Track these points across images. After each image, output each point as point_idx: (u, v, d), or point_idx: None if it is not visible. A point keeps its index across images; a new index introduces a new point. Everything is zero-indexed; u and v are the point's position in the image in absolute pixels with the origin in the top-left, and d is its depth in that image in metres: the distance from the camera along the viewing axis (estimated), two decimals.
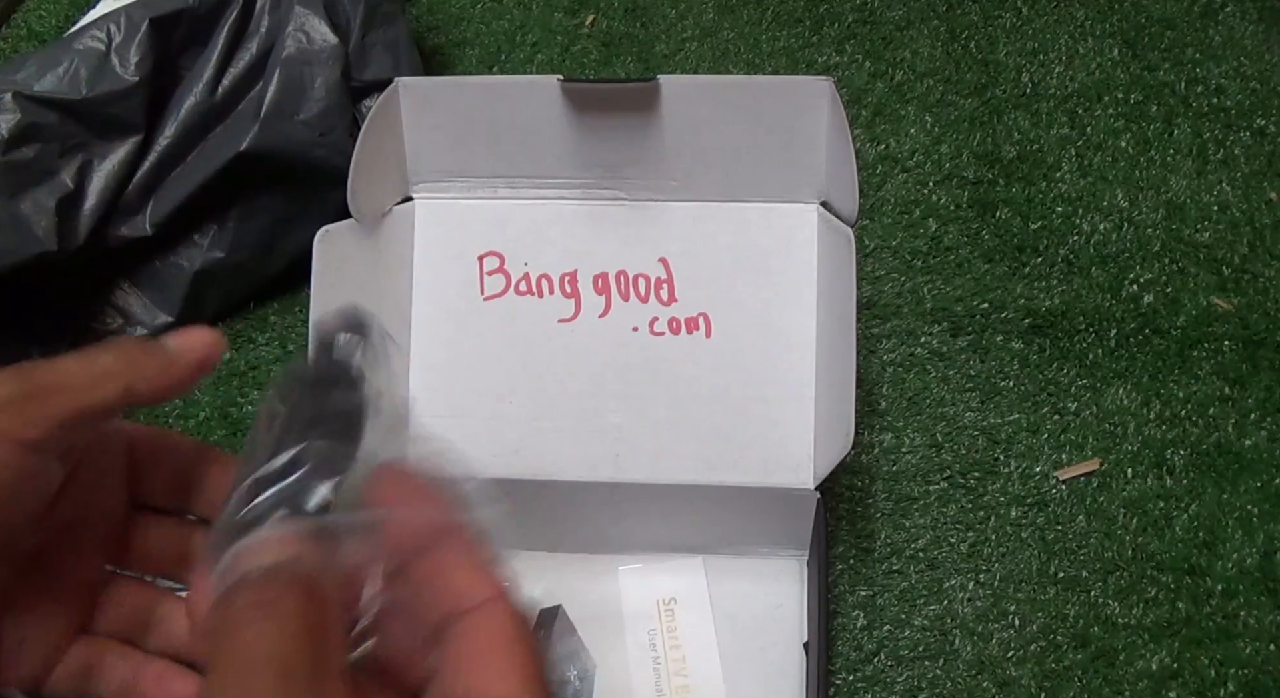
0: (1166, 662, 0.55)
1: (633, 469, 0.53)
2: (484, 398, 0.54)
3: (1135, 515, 0.59)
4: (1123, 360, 0.64)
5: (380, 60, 0.67)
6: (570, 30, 0.78)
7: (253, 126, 0.63)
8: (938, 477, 0.61)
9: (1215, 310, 0.65)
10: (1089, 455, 0.61)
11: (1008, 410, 0.63)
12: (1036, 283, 0.67)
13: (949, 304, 0.66)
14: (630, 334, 0.54)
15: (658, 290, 0.54)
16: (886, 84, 0.74)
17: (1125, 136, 0.72)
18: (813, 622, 0.53)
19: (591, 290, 0.55)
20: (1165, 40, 0.75)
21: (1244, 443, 0.61)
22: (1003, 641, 0.56)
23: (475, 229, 0.55)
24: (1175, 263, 0.67)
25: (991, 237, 0.68)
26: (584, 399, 0.54)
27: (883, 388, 0.64)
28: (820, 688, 0.51)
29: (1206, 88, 0.73)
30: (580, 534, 0.57)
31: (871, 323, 0.66)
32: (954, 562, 0.59)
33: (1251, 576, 0.57)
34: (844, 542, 0.60)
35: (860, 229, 0.68)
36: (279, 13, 0.64)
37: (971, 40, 0.76)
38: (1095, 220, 0.69)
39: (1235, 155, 0.71)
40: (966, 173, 0.71)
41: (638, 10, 0.78)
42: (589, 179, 0.54)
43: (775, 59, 0.76)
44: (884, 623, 0.57)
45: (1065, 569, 0.58)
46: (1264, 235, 0.68)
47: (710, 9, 0.78)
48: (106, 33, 0.62)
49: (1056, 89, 0.74)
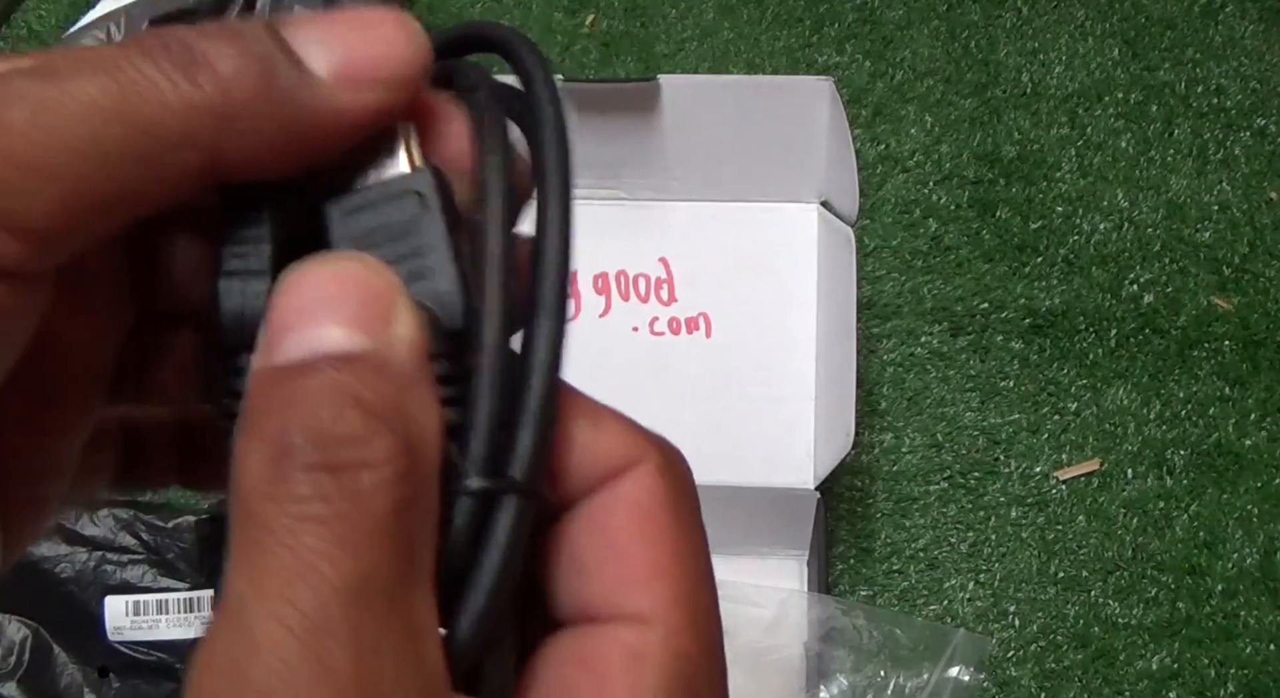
0: (1166, 662, 0.55)
1: None
2: None
3: (1135, 515, 0.59)
4: (1123, 360, 0.64)
5: None
6: (570, 30, 0.78)
7: None
8: (938, 477, 0.61)
9: (1215, 310, 0.65)
10: (1089, 455, 0.61)
11: (1008, 410, 0.63)
12: (1036, 283, 0.67)
13: (949, 304, 0.66)
14: (630, 334, 0.54)
15: (658, 290, 0.54)
16: (886, 84, 0.74)
17: (1125, 136, 0.72)
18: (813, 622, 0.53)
19: (591, 290, 0.55)
20: (1165, 40, 0.75)
21: (1244, 443, 0.61)
22: (1003, 641, 0.56)
23: None
24: (1175, 263, 0.67)
25: (991, 237, 0.68)
26: None
27: (883, 388, 0.64)
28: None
29: (1207, 88, 0.73)
30: None
31: (871, 323, 0.66)
32: (954, 562, 0.59)
33: (1252, 576, 0.57)
34: (844, 542, 0.60)
35: (860, 229, 0.68)
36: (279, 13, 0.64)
37: (972, 40, 0.76)
38: (1095, 220, 0.69)
39: (1235, 155, 0.71)
40: (967, 173, 0.71)
41: (638, 10, 0.78)
42: (589, 179, 0.54)
43: (775, 59, 0.76)
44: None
45: (1065, 569, 0.58)
46: (1264, 235, 0.68)
47: (710, 9, 0.78)
48: (106, 33, 0.62)
49: (1057, 89, 0.74)
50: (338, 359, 0.14)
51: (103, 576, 0.56)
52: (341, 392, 0.14)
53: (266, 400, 0.14)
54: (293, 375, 0.14)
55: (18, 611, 0.55)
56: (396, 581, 0.14)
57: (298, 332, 0.14)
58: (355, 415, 0.14)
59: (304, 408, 0.14)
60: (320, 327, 0.14)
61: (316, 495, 0.13)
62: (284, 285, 0.15)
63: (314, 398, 0.14)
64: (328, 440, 0.14)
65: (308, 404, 0.14)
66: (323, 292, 0.15)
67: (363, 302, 0.15)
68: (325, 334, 0.14)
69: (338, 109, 0.15)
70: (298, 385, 0.14)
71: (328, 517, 0.13)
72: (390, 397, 0.14)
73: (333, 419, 0.14)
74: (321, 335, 0.14)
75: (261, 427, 0.14)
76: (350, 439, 0.14)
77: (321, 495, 0.13)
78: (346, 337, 0.14)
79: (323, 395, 0.14)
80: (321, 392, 0.14)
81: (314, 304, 0.15)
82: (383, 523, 0.14)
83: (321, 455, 0.14)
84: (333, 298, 0.15)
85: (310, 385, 0.14)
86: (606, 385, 0.61)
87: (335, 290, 0.15)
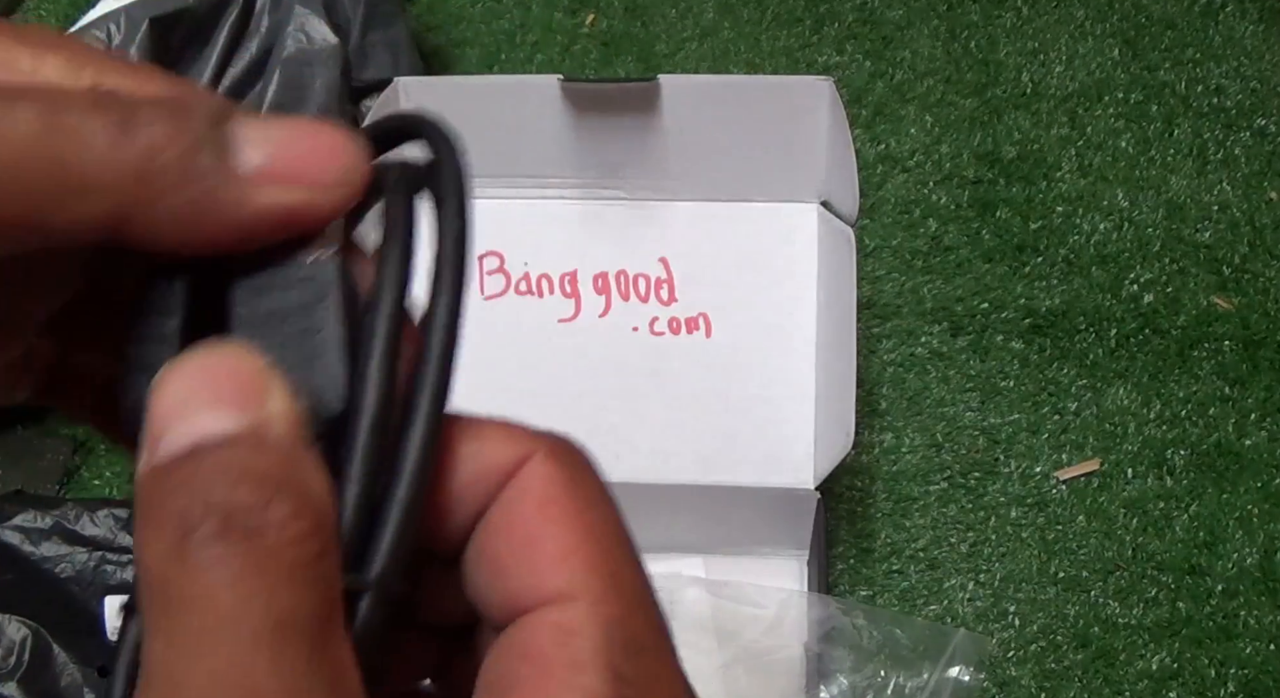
0: (1166, 662, 0.55)
1: (633, 469, 0.53)
2: (484, 398, 0.54)
3: (1135, 515, 0.59)
4: (1123, 360, 0.64)
5: (380, 60, 0.67)
6: (570, 30, 0.78)
7: None
8: (938, 477, 0.61)
9: (1215, 310, 0.65)
10: (1089, 455, 0.61)
11: (1008, 410, 0.63)
12: (1036, 283, 0.67)
13: (949, 304, 0.66)
14: (630, 334, 0.54)
15: (658, 290, 0.54)
16: (886, 84, 0.74)
17: (1125, 136, 0.72)
18: (813, 622, 0.53)
19: (591, 290, 0.55)
20: (1165, 40, 0.75)
21: (1244, 443, 0.61)
22: (1003, 641, 0.56)
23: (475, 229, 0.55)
24: (1175, 263, 0.67)
25: (991, 236, 0.68)
26: (584, 399, 0.54)
27: (883, 388, 0.64)
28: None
29: (1206, 88, 0.73)
30: None
31: (871, 323, 0.66)
32: (954, 562, 0.59)
33: (1251, 575, 0.57)
34: (844, 542, 0.60)
35: (860, 229, 0.68)
36: (279, 12, 0.64)
37: (972, 40, 0.76)
38: (1095, 220, 0.69)
39: (1235, 155, 0.71)
40: (967, 173, 0.71)
41: (638, 10, 0.78)
42: (589, 179, 0.54)
43: (775, 59, 0.76)
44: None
45: (1065, 569, 0.58)
46: (1264, 235, 0.68)
47: (710, 9, 0.78)
48: (106, 33, 0.62)
49: (1057, 89, 0.74)
50: (219, 441, 0.14)
51: (103, 576, 0.55)
52: (230, 468, 0.14)
53: (158, 495, 0.14)
54: (179, 465, 0.14)
55: (18, 611, 0.55)
56: (315, 625, 0.14)
57: (175, 427, 0.15)
58: (248, 487, 0.14)
59: (197, 490, 0.14)
60: (196, 417, 0.15)
61: (225, 557, 0.14)
62: (156, 385, 0.15)
63: (205, 479, 0.14)
64: (227, 512, 0.14)
65: (200, 486, 0.14)
66: (193, 384, 0.15)
67: (235, 386, 0.15)
68: (202, 422, 0.14)
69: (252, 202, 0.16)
70: (186, 473, 0.14)
71: (239, 573, 0.14)
72: (278, 465, 0.14)
73: (227, 494, 0.14)
74: (199, 424, 0.14)
75: (157, 517, 0.14)
76: (249, 508, 0.14)
77: (230, 556, 0.14)
78: (223, 420, 0.14)
79: (213, 475, 0.14)
80: (211, 472, 0.14)
81: (187, 398, 0.15)
82: (295, 572, 0.14)
83: (224, 525, 0.14)
84: (204, 388, 0.15)
85: (198, 469, 0.14)
86: (607, 385, 0.62)
87: (205, 380, 0.15)
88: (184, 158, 0.15)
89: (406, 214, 0.17)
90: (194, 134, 0.15)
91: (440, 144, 0.18)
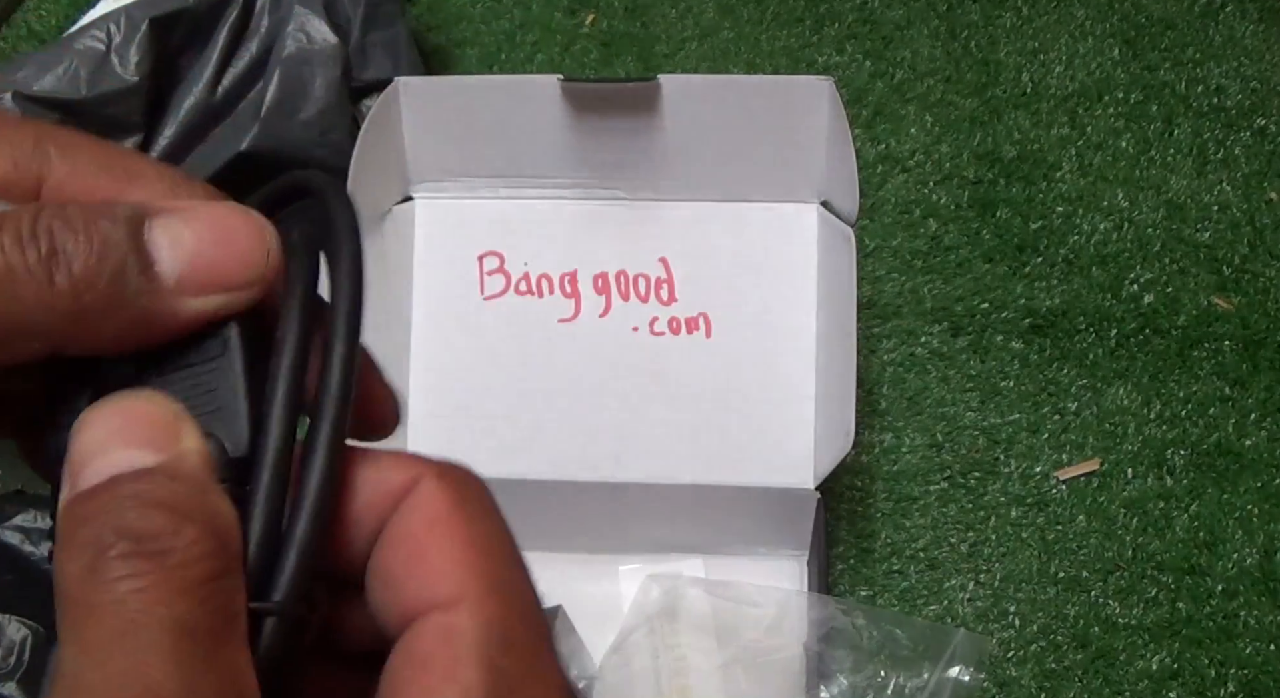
0: (1166, 662, 0.55)
1: (633, 469, 0.53)
2: (484, 398, 0.54)
3: (1135, 515, 0.59)
4: (1123, 360, 0.64)
5: (380, 60, 0.67)
6: (570, 30, 0.78)
7: (253, 127, 0.63)
8: (938, 477, 0.61)
9: (1215, 310, 0.65)
10: (1089, 455, 0.61)
11: (1008, 410, 0.63)
12: (1036, 283, 0.67)
13: (949, 304, 0.66)
14: (630, 334, 0.54)
15: (658, 290, 0.54)
16: (886, 84, 0.74)
17: (1125, 136, 0.72)
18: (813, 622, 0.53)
19: (591, 290, 0.55)
20: (1165, 40, 0.75)
21: (1244, 443, 0.61)
22: (1003, 641, 0.56)
23: (475, 229, 0.55)
24: (1175, 263, 0.67)
25: (991, 236, 0.68)
26: (584, 399, 0.54)
27: (883, 388, 0.64)
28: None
29: (1206, 88, 0.73)
30: (580, 534, 0.57)
31: (871, 323, 0.66)
32: (954, 562, 0.59)
33: (1251, 576, 0.57)
34: (844, 542, 0.60)
35: (860, 229, 0.68)
36: (279, 12, 0.64)
37: (972, 40, 0.76)
38: (1095, 220, 0.69)
39: (1235, 155, 0.71)
40: (967, 173, 0.71)
41: (638, 10, 0.78)
42: (589, 179, 0.54)
43: (775, 59, 0.76)
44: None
45: (1065, 569, 0.58)
46: (1264, 235, 0.68)
47: (710, 9, 0.78)
48: (106, 33, 0.62)
49: (1057, 89, 0.74)
50: (134, 475, 0.16)
51: None
52: (143, 498, 0.16)
53: (77, 521, 0.16)
54: (96, 495, 0.16)
55: (18, 611, 0.55)
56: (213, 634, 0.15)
57: (93, 463, 0.16)
58: (158, 514, 0.15)
59: (112, 515, 0.15)
60: (114, 453, 0.16)
61: (133, 573, 0.15)
62: (77, 426, 0.16)
63: (119, 506, 0.15)
64: (138, 535, 0.15)
65: (114, 512, 0.15)
66: (111, 425, 0.16)
67: (149, 427, 0.16)
68: (118, 458, 0.16)
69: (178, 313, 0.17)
70: (102, 501, 0.16)
71: (146, 585, 0.15)
72: (188, 496, 0.16)
73: (139, 519, 0.15)
74: (115, 460, 0.16)
75: (76, 540, 0.15)
76: (158, 533, 0.15)
77: (139, 572, 0.15)
78: (138, 456, 0.16)
79: (126, 503, 0.15)
80: (125, 500, 0.15)
81: (105, 437, 0.16)
82: (197, 586, 0.15)
83: (135, 546, 0.15)
84: (121, 428, 0.16)
85: (113, 498, 0.16)
86: (607, 386, 0.62)
87: (123, 422, 0.16)
88: (111, 286, 0.16)
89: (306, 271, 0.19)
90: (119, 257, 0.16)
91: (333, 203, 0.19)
